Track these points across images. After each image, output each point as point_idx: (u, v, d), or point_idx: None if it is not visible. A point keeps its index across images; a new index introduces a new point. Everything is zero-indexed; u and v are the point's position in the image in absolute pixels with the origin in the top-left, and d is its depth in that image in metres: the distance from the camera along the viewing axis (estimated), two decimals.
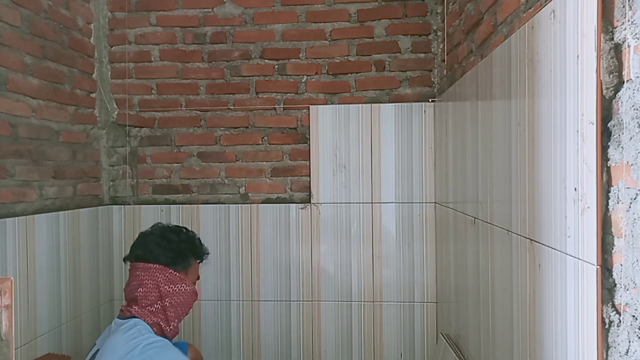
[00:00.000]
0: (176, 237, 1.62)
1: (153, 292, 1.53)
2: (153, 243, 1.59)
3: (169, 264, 1.56)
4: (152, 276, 1.54)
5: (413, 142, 2.22)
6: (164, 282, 1.54)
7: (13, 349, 0.74)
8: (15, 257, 1.65)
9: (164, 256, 1.56)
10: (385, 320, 2.24)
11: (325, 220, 2.25)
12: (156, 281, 1.53)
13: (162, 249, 1.57)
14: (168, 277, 1.54)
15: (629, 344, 0.69)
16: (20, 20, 1.74)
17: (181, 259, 1.59)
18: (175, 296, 1.54)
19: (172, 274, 1.55)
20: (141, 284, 1.53)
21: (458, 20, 1.79)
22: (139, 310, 1.51)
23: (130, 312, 1.52)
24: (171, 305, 1.53)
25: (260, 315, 2.27)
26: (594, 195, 0.77)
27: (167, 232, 1.63)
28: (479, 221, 1.44)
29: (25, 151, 1.77)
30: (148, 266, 1.55)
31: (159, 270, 1.55)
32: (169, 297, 1.53)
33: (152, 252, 1.57)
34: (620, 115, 0.72)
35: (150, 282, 1.53)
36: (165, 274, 1.54)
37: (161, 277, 1.54)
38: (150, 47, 2.32)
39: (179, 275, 1.57)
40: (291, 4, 2.26)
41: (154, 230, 1.66)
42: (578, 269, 0.82)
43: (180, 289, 1.55)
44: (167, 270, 1.55)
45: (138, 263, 1.57)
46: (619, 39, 0.73)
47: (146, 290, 1.52)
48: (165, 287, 1.53)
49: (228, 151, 2.32)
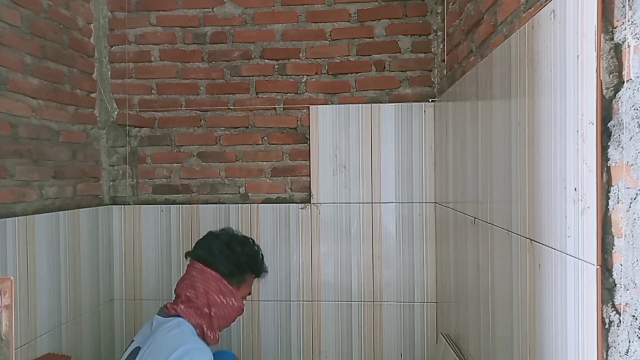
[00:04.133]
0: (240, 249, 1.61)
1: (202, 297, 1.51)
2: (217, 248, 1.58)
3: (226, 275, 1.55)
4: (205, 281, 1.53)
5: (413, 142, 2.22)
6: (215, 291, 1.53)
7: (13, 349, 0.74)
8: (15, 257, 1.65)
9: (222, 265, 1.55)
10: (385, 320, 2.24)
11: (325, 220, 2.25)
12: (208, 288, 1.52)
13: (224, 257, 1.56)
14: (220, 288, 1.53)
15: (629, 344, 0.69)
16: (20, 20, 1.74)
17: (238, 273, 1.58)
18: (221, 308, 1.53)
19: (225, 285, 1.54)
20: (194, 285, 1.53)
21: (458, 20, 1.79)
22: (184, 310, 1.49)
23: (175, 310, 1.50)
24: (215, 315, 1.52)
25: (260, 315, 2.27)
26: (594, 195, 0.77)
27: (233, 241, 1.62)
28: (479, 221, 1.44)
29: (25, 151, 1.77)
30: (205, 270, 1.55)
31: (215, 279, 1.54)
32: (215, 307, 1.52)
33: (214, 257, 1.56)
34: (620, 115, 0.72)
35: (202, 287, 1.52)
36: (218, 284, 1.53)
37: (214, 286, 1.53)
38: (150, 47, 2.32)
39: (231, 288, 1.56)
40: (291, 4, 2.26)
41: (222, 235, 1.65)
42: (578, 269, 0.82)
43: (228, 302, 1.54)
44: (222, 280, 1.54)
45: (197, 263, 1.57)
46: (619, 39, 0.73)
47: (196, 293, 1.51)
48: (214, 297, 1.52)
49: (228, 151, 2.32)
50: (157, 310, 1.58)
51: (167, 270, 2.29)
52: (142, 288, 2.30)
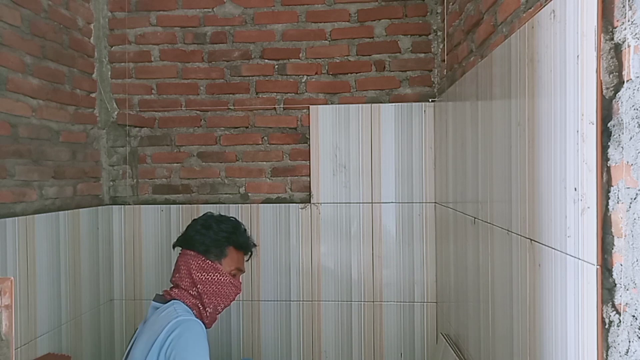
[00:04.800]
0: (217, 225, 1.64)
1: (187, 278, 1.56)
2: (193, 230, 1.64)
3: (203, 252, 1.59)
4: (186, 262, 1.58)
5: (413, 142, 2.22)
6: (196, 269, 1.56)
7: (13, 349, 0.74)
8: (15, 257, 1.65)
9: (198, 243, 1.60)
10: (385, 320, 2.24)
11: (325, 220, 2.25)
12: (189, 267, 1.57)
13: (200, 235, 1.61)
14: (200, 265, 1.57)
15: (629, 344, 0.69)
16: (20, 20, 1.74)
17: (215, 248, 1.61)
18: (207, 284, 1.56)
19: (203, 261, 1.58)
20: (178, 269, 1.60)
21: (458, 20, 1.79)
22: (178, 292, 1.55)
23: (170, 295, 1.57)
24: (205, 292, 1.55)
25: (260, 315, 2.27)
26: (594, 195, 0.77)
27: (208, 220, 1.67)
28: (479, 221, 1.44)
29: (25, 151, 1.77)
30: (185, 252, 1.61)
31: (193, 257, 1.58)
32: (201, 284, 1.55)
33: (191, 238, 1.62)
34: (620, 115, 0.72)
35: (185, 268, 1.58)
36: (197, 261, 1.57)
37: (194, 264, 1.57)
38: (150, 47, 2.32)
39: (212, 263, 1.58)
40: (291, 4, 2.26)
41: (199, 218, 1.70)
42: (578, 269, 0.82)
43: (213, 277, 1.56)
44: (200, 257, 1.58)
45: (181, 250, 1.63)
46: (619, 39, 0.73)
47: (181, 276, 1.57)
48: (197, 274, 1.56)
49: (228, 151, 2.32)
50: None
51: (167, 270, 2.29)
52: (142, 288, 2.30)
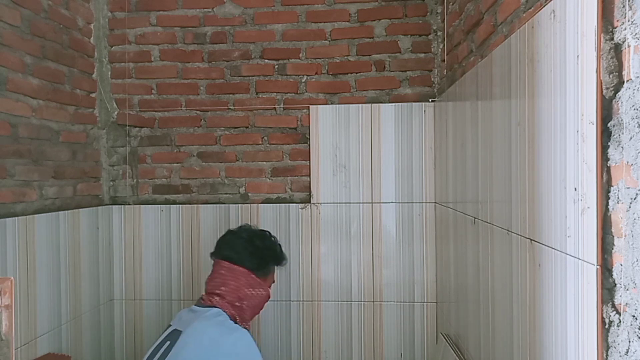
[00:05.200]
0: (261, 243, 1.74)
1: (234, 292, 1.64)
2: (241, 246, 1.71)
3: (253, 269, 1.68)
4: (236, 278, 1.66)
5: (413, 142, 2.22)
6: (246, 285, 1.65)
7: (13, 349, 0.74)
8: (15, 257, 1.65)
9: (249, 261, 1.68)
10: (385, 320, 2.24)
11: (325, 220, 2.25)
12: (239, 283, 1.65)
13: (249, 253, 1.69)
14: (250, 281, 1.66)
15: (629, 344, 0.69)
16: (20, 20, 1.74)
17: (263, 265, 1.72)
18: (253, 299, 1.67)
19: (253, 278, 1.67)
20: (225, 282, 1.65)
21: (458, 20, 1.79)
22: (220, 301, 1.62)
23: (211, 301, 1.63)
24: (248, 307, 1.66)
25: (260, 315, 2.26)
26: (594, 195, 0.77)
27: (254, 237, 1.75)
28: (479, 221, 1.44)
29: (25, 151, 1.77)
30: (233, 267, 1.67)
31: (243, 274, 1.66)
32: (247, 300, 1.65)
33: (240, 255, 1.68)
34: (620, 115, 0.72)
35: (233, 283, 1.65)
36: (248, 278, 1.66)
37: (244, 280, 1.65)
38: (150, 47, 2.32)
39: (259, 280, 1.69)
40: (291, 4, 2.26)
41: (242, 232, 1.77)
42: (578, 269, 0.82)
43: (258, 292, 1.68)
44: (250, 274, 1.67)
45: (224, 262, 1.68)
46: (619, 39, 0.73)
47: (228, 290, 1.64)
48: (245, 290, 1.65)
49: (228, 151, 2.32)
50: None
51: (167, 270, 2.29)
52: (142, 288, 2.30)
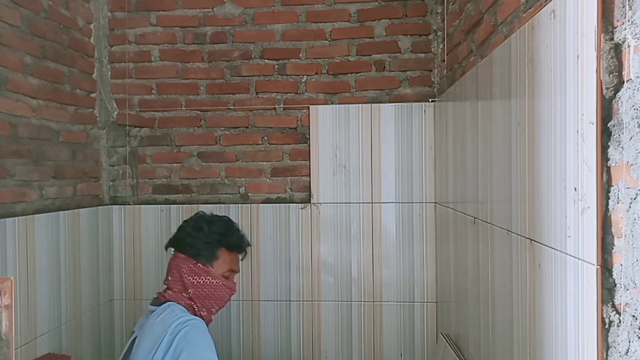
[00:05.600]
0: (208, 227, 1.60)
1: (178, 281, 1.54)
2: (184, 232, 1.60)
3: (194, 255, 1.56)
4: (177, 266, 1.56)
5: (413, 142, 2.22)
6: (187, 273, 1.53)
7: (13, 349, 0.74)
8: (15, 257, 1.65)
9: (189, 246, 1.56)
10: (385, 320, 2.24)
11: (325, 220, 2.25)
12: (180, 271, 1.54)
13: (191, 238, 1.57)
14: (191, 268, 1.54)
15: (629, 344, 0.69)
16: (20, 20, 1.74)
17: (206, 250, 1.57)
18: (199, 288, 1.53)
19: (195, 264, 1.55)
20: (170, 272, 1.57)
21: (458, 20, 1.79)
22: (172, 294, 1.53)
23: (164, 297, 1.54)
24: (197, 296, 1.53)
25: (260, 315, 2.27)
26: (594, 195, 0.77)
27: (201, 221, 1.62)
28: (479, 221, 1.44)
29: (25, 151, 1.77)
30: (176, 255, 1.58)
31: (183, 261, 1.55)
32: (192, 288, 1.53)
33: (182, 241, 1.59)
34: (620, 115, 0.72)
35: (176, 272, 1.55)
36: (188, 265, 1.54)
37: (185, 268, 1.54)
38: (150, 47, 2.32)
39: (203, 267, 1.55)
40: (291, 4, 2.26)
41: (190, 219, 1.66)
42: (578, 269, 0.82)
43: (204, 281, 1.53)
44: (191, 261, 1.55)
45: (173, 252, 1.60)
46: (619, 39, 0.73)
47: (173, 279, 1.55)
48: (188, 278, 1.53)
49: (228, 151, 2.32)
50: None
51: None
52: (142, 288, 2.30)
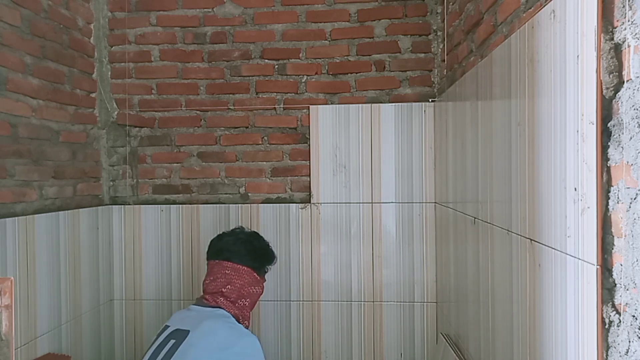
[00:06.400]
0: (258, 243, 1.84)
1: (238, 290, 1.72)
2: (242, 247, 1.78)
3: (255, 268, 1.77)
4: (240, 277, 1.73)
5: (413, 142, 2.22)
6: (249, 283, 1.74)
7: (13, 349, 0.74)
8: (15, 257, 1.65)
9: (251, 260, 1.76)
10: (385, 320, 2.24)
11: (325, 220, 2.25)
12: (243, 282, 1.73)
13: (249, 253, 1.77)
14: (252, 280, 1.75)
15: (629, 344, 0.69)
16: (20, 20, 1.74)
17: (261, 264, 1.81)
18: (253, 297, 1.75)
19: (255, 277, 1.76)
20: (230, 281, 1.72)
21: (458, 20, 1.79)
22: (224, 302, 1.69)
23: (216, 302, 1.69)
24: (249, 305, 1.75)
25: (260, 315, 2.27)
26: (594, 195, 0.77)
27: (252, 238, 1.84)
28: (479, 221, 1.44)
29: (25, 151, 1.77)
30: (237, 267, 1.74)
31: (247, 273, 1.74)
32: (249, 298, 1.74)
33: (242, 255, 1.76)
34: (620, 115, 0.72)
35: (239, 282, 1.73)
36: (251, 277, 1.75)
37: (248, 279, 1.74)
38: (150, 47, 2.32)
39: (259, 278, 1.78)
40: (291, 4, 2.26)
41: (239, 234, 1.84)
42: (578, 269, 0.82)
43: (257, 291, 1.77)
44: (253, 273, 1.75)
45: (226, 262, 1.74)
46: (619, 39, 0.73)
47: (233, 289, 1.71)
48: (249, 289, 1.74)
49: (228, 151, 2.32)
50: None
51: (167, 270, 2.29)
52: (142, 288, 2.30)
